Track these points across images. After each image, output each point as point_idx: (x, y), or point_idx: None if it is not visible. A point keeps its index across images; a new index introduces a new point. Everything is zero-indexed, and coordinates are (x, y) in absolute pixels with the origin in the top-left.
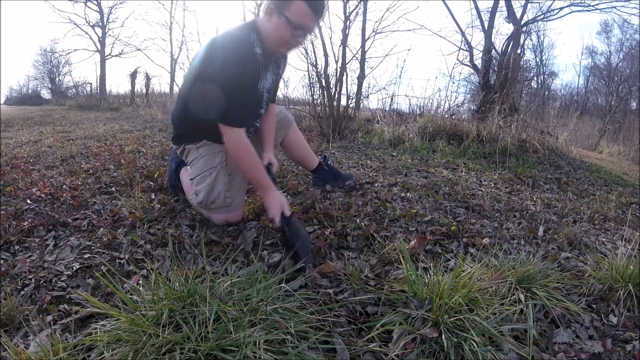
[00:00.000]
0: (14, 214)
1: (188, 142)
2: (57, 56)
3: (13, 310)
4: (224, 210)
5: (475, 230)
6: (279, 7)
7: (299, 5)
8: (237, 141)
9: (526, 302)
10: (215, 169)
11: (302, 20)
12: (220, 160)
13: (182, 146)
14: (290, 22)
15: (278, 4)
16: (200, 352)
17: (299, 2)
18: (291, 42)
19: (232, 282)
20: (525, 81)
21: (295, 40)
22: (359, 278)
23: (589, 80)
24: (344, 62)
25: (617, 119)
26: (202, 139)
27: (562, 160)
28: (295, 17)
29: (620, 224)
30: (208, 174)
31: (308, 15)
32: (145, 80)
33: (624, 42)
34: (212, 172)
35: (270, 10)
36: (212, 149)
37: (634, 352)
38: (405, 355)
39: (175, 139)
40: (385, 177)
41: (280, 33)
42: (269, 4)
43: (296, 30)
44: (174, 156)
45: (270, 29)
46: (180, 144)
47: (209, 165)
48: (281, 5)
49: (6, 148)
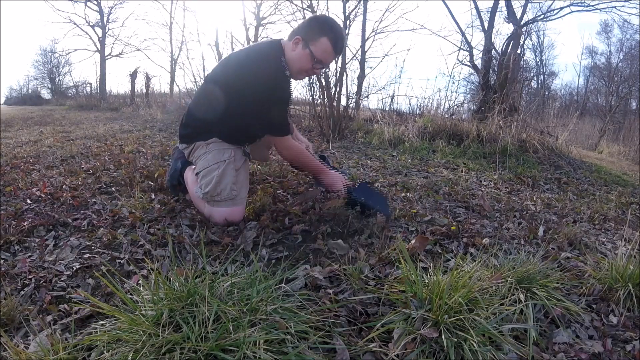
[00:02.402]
0: (14, 214)
1: (200, 139)
2: (57, 56)
3: (13, 310)
4: (229, 202)
5: (475, 230)
6: (306, 40)
7: (324, 43)
8: (291, 146)
9: (526, 302)
10: (224, 162)
11: (325, 57)
12: (229, 155)
13: (192, 145)
14: (314, 56)
15: (306, 36)
16: (200, 352)
17: (325, 41)
18: (309, 72)
19: (232, 282)
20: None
21: (313, 71)
22: (359, 278)
23: (589, 80)
24: (344, 62)
25: (617, 119)
26: (213, 137)
27: (562, 160)
28: (319, 53)
29: (620, 224)
30: (216, 167)
31: (331, 54)
32: (145, 80)
33: (624, 42)
34: (221, 165)
35: (297, 40)
36: (221, 145)
37: (634, 352)
38: (405, 355)
39: (186, 137)
40: (385, 177)
41: (302, 63)
42: (297, 34)
43: (317, 64)
44: (179, 156)
45: (293, 57)
46: (192, 142)
47: (218, 159)
48: (309, 38)
49: (6, 148)
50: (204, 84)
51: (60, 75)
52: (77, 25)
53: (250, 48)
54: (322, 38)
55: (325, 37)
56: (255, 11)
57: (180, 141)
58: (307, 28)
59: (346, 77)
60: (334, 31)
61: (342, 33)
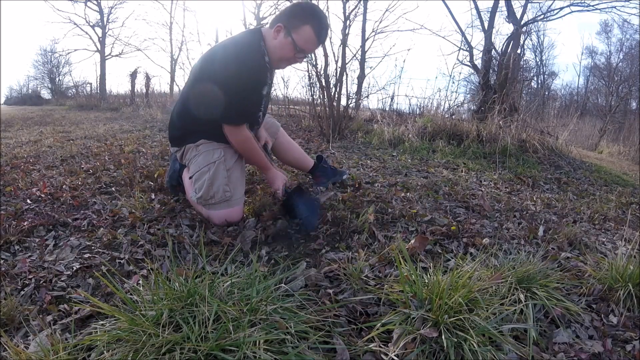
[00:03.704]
0: (14, 214)
1: (189, 142)
2: (57, 56)
3: (13, 310)
4: (224, 205)
5: (475, 230)
6: (288, 28)
7: (307, 31)
8: (241, 135)
9: (526, 302)
10: (214, 164)
11: (307, 45)
12: (218, 155)
13: (182, 148)
14: (296, 44)
15: (288, 24)
16: (200, 352)
17: (308, 29)
18: (290, 61)
19: (232, 282)
20: (525, 81)
21: (295, 60)
22: (359, 278)
23: (589, 80)
24: (344, 62)
25: (617, 119)
26: (201, 138)
27: (562, 160)
28: (301, 42)
29: (620, 224)
30: (207, 170)
31: (313, 42)
32: (145, 80)
33: (624, 42)
34: (211, 167)
35: (279, 28)
36: (210, 146)
37: (634, 352)
38: (405, 355)
39: (176, 141)
40: (385, 177)
41: (284, 52)
42: (278, 21)
43: (299, 52)
44: (175, 158)
45: (275, 45)
46: (182, 145)
47: (208, 160)
48: (291, 27)
49: (6, 148)
50: (188, 82)
51: (60, 75)
52: (77, 25)
53: (230, 39)
54: (304, 26)
55: (308, 25)
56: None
57: (170, 144)
58: (289, 15)
59: (346, 77)
60: (317, 19)
61: (326, 21)
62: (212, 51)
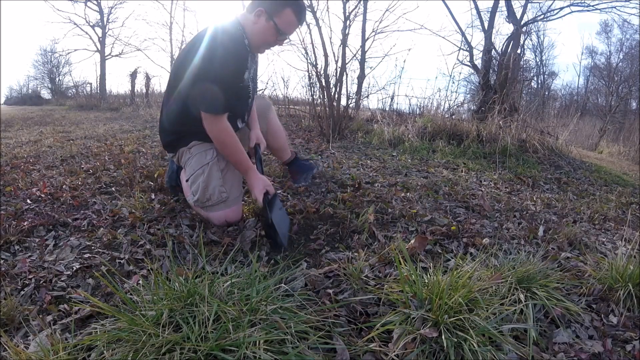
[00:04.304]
0: (14, 214)
1: (181, 146)
2: (57, 56)
3: (13, 310)
4: (222, 206)
5: (475, 230)
6: (269, 13)
7: (288, 15)
8: (219, 126)
9: (526, 302)
10: (208, 165)
11: (289, 28)
12: (211, 157)
13: (177, 152)
14: (278, 28)
15: (269, 9)
16: (200, 352)
17: (289, 12)
18: (271, 45)
19: (231, 282)
20: (525, 81)
21: (276, 43)
22: (359, 278)
23: (589, 80)
24: (344, 62)
25: (617, 119)
26: (192, 140)
27: (562, 160)
28: (283, 25)
29: (620, 224)
30: (201, 172)
31: (295, 24)
32: (145, 80)
33: (624, 42)
34: (205, 169)
35: (259, 12)
36: (202, 147)
37: (634, 352)
38: (405, 355)
39: (169, 146)
40: (385, 177)
41: (266, 36)
42: (258, 6)
43: (281, 35)
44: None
45: (256, 30)
46: (175, 150)
47: (201, 162)
48: (272, 11)
49: (6, 148)
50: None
51: (60, 75)
52: (77, 25)
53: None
54: (285, 9)
55: (289, 8)
56: None
57: (164, 149)
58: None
59: (346, 77)
60: (296, 1)
61: (304, 3)
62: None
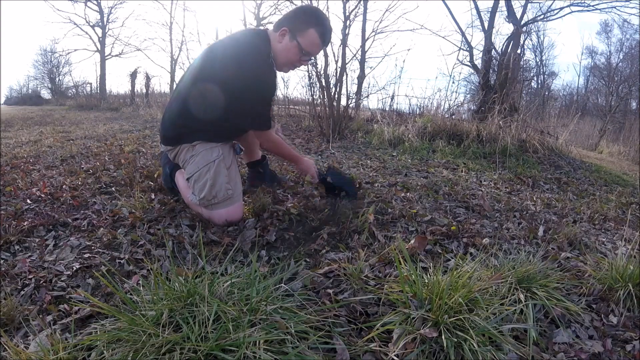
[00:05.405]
0: (14, 214)
1: (184, 142)
2: (57, 56)
3: (13, 310)
4: (227, 202)
5: (475, 230)
6: (293, 32)
7: (312, 35)
8: (272, 138)
9: (526, 302)
10: (214, 163)
11: (312, 49)
12: (217, 154)
13: (177, 147)
14: (301, 48)
15: (293, 28)
16: (200, 352)
17: (312, 32)
18: (295, 65)
19: (231, 282)
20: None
21: (300, 63)
22: (359, 278)
23: (589, 80)
24: (344, 62)
25: (617, 119)
26: (198, 138)
27: (562, 160)
28: (307, 45)
29: (620, 224)
30: (207, 170)
31: (318, 45)
32: (145, 80)
33: (624, 42)
34: (211, 166)
35: (284, 32)
36: (207, 145)
37: (634, 352)
38: (405, 355)
39: (170, 140)
40: (385, 177)
41: (289, 56)
42: (283, 25)
43: (305, 56)
44: (166, 161)
45: (280, 49)
46: (176, 145)
47: (207, 160)
48: (296, 31)
49: (6, 148)
50: (186, 80)
51: (60, 75)
52: (77, 25)
53: (237, 39)
54: (309, 29)
55: (313, 28)
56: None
57: (163, 142)
58: (293, 19)
59: (346, 77)
60: (321, 22)
61: (329, 24)
62: (225, 56)
